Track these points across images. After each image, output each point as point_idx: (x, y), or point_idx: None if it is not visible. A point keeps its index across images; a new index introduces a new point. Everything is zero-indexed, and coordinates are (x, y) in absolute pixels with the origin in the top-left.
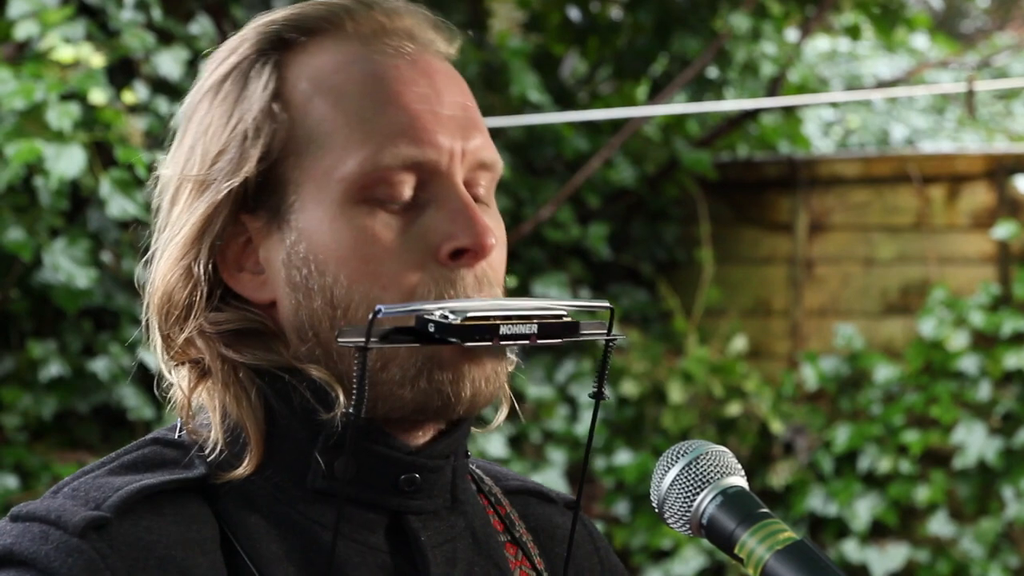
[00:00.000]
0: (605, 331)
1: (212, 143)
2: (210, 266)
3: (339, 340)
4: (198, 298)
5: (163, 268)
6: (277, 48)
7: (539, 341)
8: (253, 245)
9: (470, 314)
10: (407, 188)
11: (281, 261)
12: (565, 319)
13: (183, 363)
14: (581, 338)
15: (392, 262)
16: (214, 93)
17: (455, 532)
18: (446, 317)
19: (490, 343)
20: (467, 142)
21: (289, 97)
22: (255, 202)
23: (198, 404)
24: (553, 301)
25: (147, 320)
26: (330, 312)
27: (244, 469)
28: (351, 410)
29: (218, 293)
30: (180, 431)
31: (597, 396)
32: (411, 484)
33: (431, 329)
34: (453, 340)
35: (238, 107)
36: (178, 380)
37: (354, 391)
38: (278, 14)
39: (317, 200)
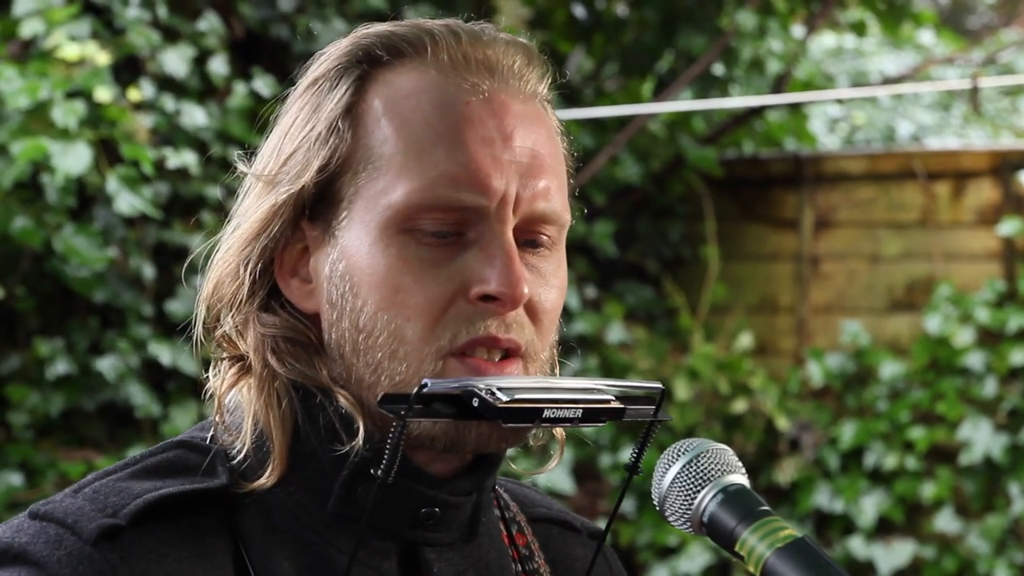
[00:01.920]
0: (651, 412)
1: (287, 144)
2: (258, 267)
3: (380, 405)
4: (243, 295)
5: (219, 258)
6: (363, 62)
7: (581, 424)
8: (309, 253)
9: (517, 396)
10: (452, 226)
11: (324, 275)
12: (612, 404)
13: (227, 358)
14: (626, 419)
15: (420, 295)
16: (303, 96)
17: (468, 564)
18: (492, 394)
19: (530, 424)
20: (525, 189)
21: (360, 113)
22: (313, 211)
23: (233, 402)
24: (604, 381)
25: (197, 304)
26: (354, 335)
27: (266, 480)
28: (379, 472)
29: (262, 294)
30: (214, 420)
31: (631, 470)
32: (430, 518)
33: (475, 403)
34: (494, 419)
35: (315, 114)
36: (217, 374)
37: (386, 452)
38: (374, 28)
39: (363, 221)
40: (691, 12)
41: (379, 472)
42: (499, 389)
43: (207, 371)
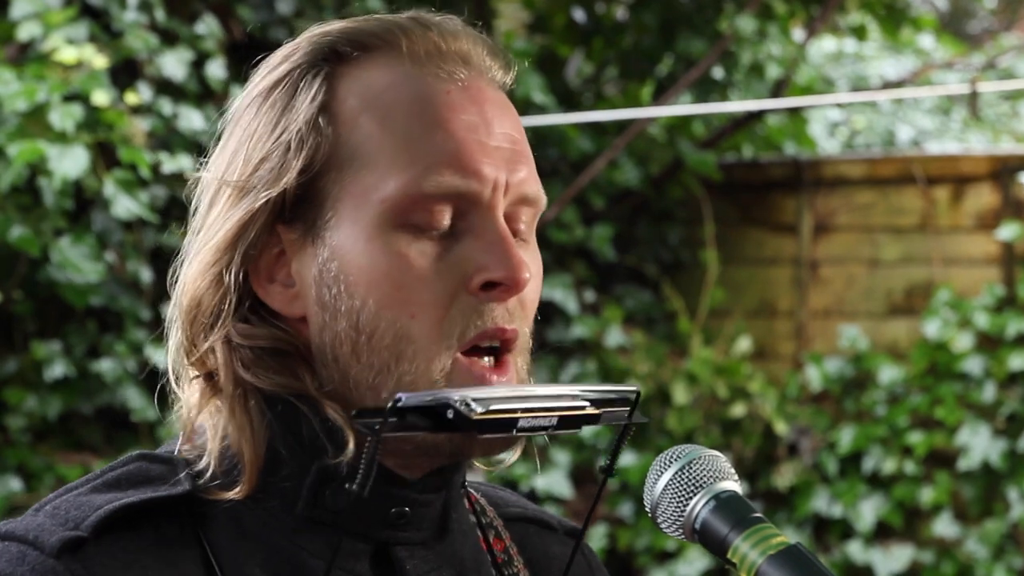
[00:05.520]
0: (625, 417)
1: (255, 150)
2: (240, 275)
3: (355, 420)
4: (227, 306)
5: (194, 271)
6: (329, 60)
7: (557, 432)
8: (287, 257)
9: (492, 407)
10: (446, 217)
11: (312, 277)
12: (587, 410)
13: (197, 376)
14: (601, 424)
15: (423, 291)
16: (263, 99)
17: (441, 562)
18: (467, 406)
19: (506, 435)
20: (512, 175)
21: (337, 111)
22: (292, 214)
23: (200, 423)
24: (579, 387)
25: (170, 322)
26: (353, 336)
27: (234, 495)
28: (355, 487)
29: (247, 303)
30: (180, 445)
31: (606, 472)
32: (401, 517)
33: (449, 415)
34: (469, 430)
35: (285, 116)
36: (186, 394)
37: (361, 467)
38: (334, 26)
39: (354, 219)
40: (690, 16)
41: (354, 486)
42: (474, 400)
43: (170, 385)
